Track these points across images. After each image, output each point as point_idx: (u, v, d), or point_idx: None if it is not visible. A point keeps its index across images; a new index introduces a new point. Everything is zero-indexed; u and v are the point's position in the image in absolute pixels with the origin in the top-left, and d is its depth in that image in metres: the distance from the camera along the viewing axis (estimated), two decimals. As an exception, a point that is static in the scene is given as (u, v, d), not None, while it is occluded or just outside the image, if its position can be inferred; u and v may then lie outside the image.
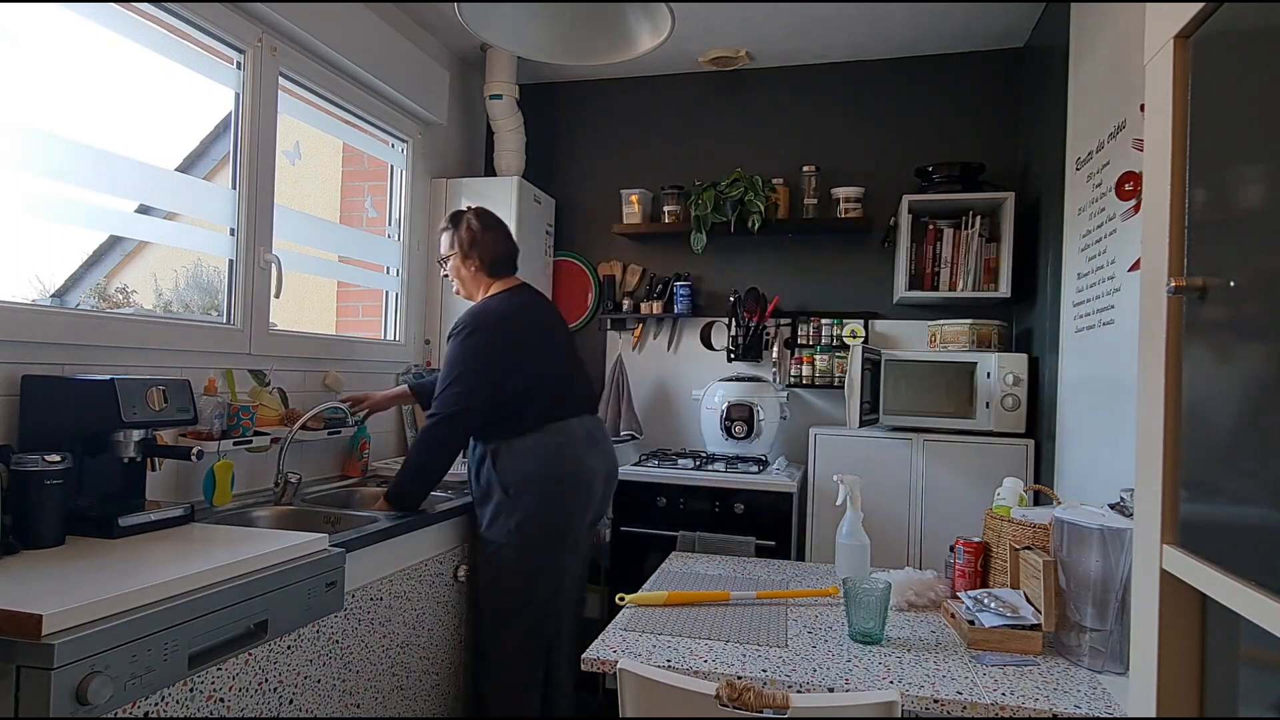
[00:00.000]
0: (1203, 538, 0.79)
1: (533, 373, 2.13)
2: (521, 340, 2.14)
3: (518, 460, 2.08)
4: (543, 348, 2.18)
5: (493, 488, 2.11)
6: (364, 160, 3.09)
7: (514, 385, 2.10)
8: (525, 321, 2.18)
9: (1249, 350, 0.71)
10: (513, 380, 2.10)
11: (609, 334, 3.40)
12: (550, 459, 2.09)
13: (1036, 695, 1.22)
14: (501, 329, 2.13)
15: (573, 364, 2.27)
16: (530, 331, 2.18)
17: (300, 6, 2.26)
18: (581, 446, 2.15)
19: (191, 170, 2.65)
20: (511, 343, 2.12)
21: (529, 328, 2.18)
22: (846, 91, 3.18)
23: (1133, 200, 1.81)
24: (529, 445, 2.09)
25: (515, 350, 2.12)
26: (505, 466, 2.09)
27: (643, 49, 1.69)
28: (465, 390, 2.06)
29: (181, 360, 1.99)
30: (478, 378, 2.07)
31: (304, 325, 2.84)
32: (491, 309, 2.18)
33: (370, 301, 3.05)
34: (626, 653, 1.36)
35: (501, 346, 2.10)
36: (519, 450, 2.09)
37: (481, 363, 2.08)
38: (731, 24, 2.88)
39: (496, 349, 2.10)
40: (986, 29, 2.87)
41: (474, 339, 2.10)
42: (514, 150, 3.20)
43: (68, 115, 1.94)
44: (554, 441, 2.11)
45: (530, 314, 2.22)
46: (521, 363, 2.12)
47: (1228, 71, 0.77)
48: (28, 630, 1.02)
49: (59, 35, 1.94)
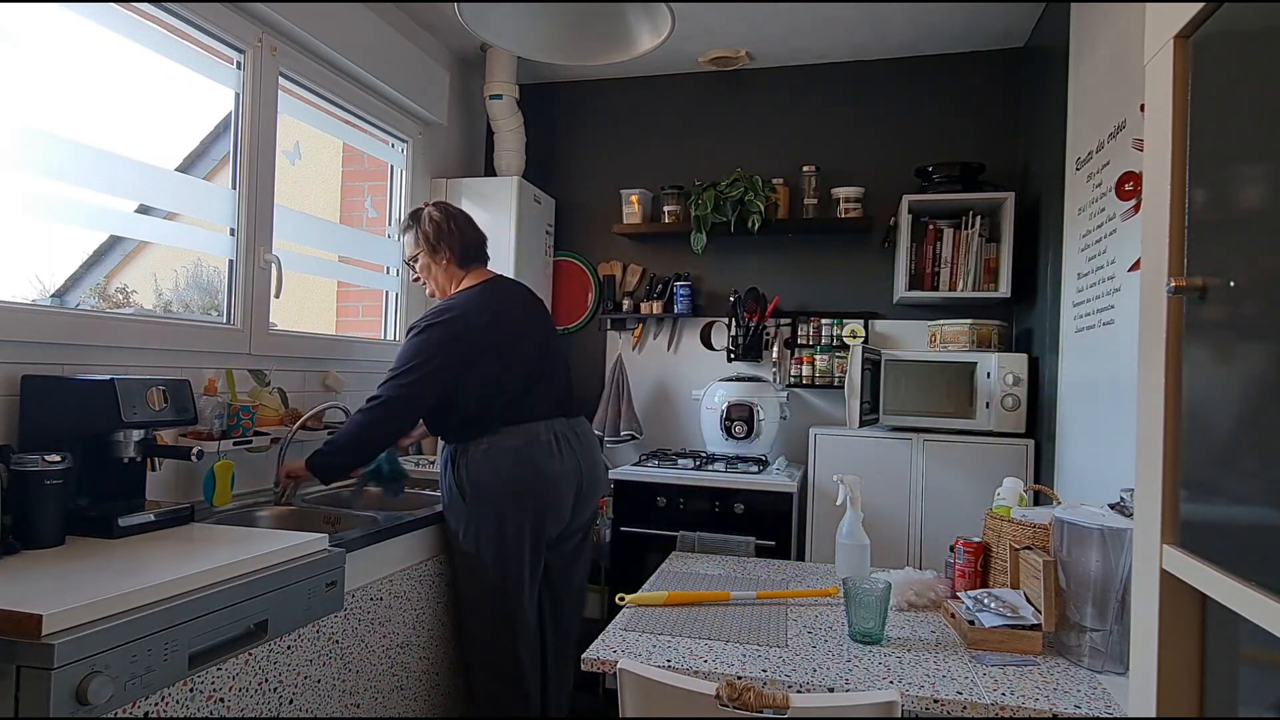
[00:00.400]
0: (1203, 538, 0.79)
1: (493, 373, 2.04)
2: (484, 337, 2.04)
3: (474, 465, 2.02)
4: (508, 346, 2.08)
5: (454, 493, 2.05)
6: (364, 160, 3.09)
7: (471, 385, 2.02)
8: (492, 317, 2.07)
9: (1249, 350, 0.71)
10: (470, 379, 2.02)
11: (609, 334, 3.40)
12: (506, 464, 2.01)
13: (1036, 695, 1.22)
14: (463, 324, 2.03)
15: (546, 363, 2.16)
16: (496, 328, 2.07)
17: (300, 6, 2.26)
18: (542, 450, 2.05)
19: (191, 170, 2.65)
20: (473, 341, 2.02)
21: (495, 324, 2.07)
22: (846, 91, 3.18)
23: (1133, 200, 1.81)
24: (485, 449, 2.02)
25: (476, 348, 2.03)
26: (463, 471, 2.03)
27: (643, 49, 1.69)
28: (412, 381, 1.97)
29: (181, 360, 1.99)
30: (428, 371, 1.98)
31: (304, 325, 2.84)
32: (457, 303, 2.08)
33: (370, 301, 3.05)
34: (626, 653, 1.36)
35: (461, 343, 2.01)
36: (475, 454, 2.03)
37: (437, 358, 1.99)
38: (731, 24, 2.88)
39: (454, 345, 2.01)
40: (986, 29, 2.87)
41: (432, 332, 2.01)
42: (514, 150, 3.20)
43: (68, 115, 1.94)
44: (511, 445, 2.02)
45: (500, 309, 2.11)
46: (480, 361, 2.03)
47: (1228, 71, 0.77)
48: (28, 630, 1.02)
49: (59, 35, 1.94)
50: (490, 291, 2.15)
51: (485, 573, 2.03)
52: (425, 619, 2.03)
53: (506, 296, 2.18)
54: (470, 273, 2.20)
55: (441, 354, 2.00)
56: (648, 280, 3.36)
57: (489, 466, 2.02)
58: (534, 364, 2.13)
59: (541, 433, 2.07)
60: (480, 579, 2.04)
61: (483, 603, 2.05)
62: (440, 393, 2.02)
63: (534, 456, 2.04)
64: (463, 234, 2.17)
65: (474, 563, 2.03)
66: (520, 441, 2.04)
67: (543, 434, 2.07)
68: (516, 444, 2.03)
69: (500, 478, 2.01)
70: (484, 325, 2.05)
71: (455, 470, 2.05)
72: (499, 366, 2.06)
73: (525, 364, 2.11)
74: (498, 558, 2.02)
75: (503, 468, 2.01)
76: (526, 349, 2.13)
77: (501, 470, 2.01)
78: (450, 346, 2.01)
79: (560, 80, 3.47)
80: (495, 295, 2.15)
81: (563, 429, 2.14)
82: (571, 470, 2.13)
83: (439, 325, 2.02)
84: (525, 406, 2.08)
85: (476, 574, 2.04)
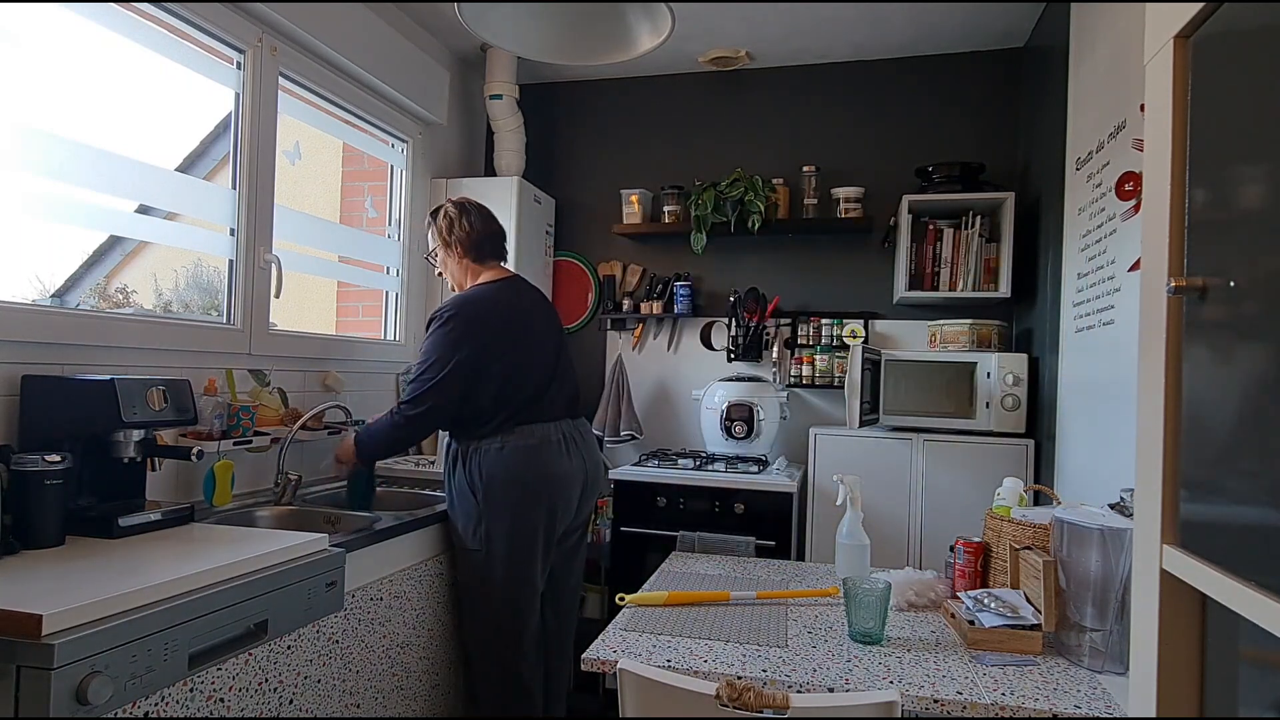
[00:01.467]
0: (1203, 538, 0.79)
1: (509, 370, 2.06)
2: (500, 336, 2.07)
3: (487, 463, 2.03)
4: (523, 346, 2.11)
5: (464, 491, 2.06)
6: (364, 160, 3.09)
7: (487, 383, 2.05)
8: (508, 315, 2.11)
9: (1249, 350, 0.71)
10: (487, 378, 2.05)
11: (609, 334, 3.40)
12: (520, 463, 2.03)
13: (1036, 695, 1.22)
14: (481, 320, 2.06)
15: (556, 365, 2.19)
16: (511, 327, 2.10)
17: (300, 6, 2.26)
18: (554, 450, 2.09)
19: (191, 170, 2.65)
20: (489, 338, 2.05)
21: (510, 323, 2.11)
22: (846, 91, 3.18)
23: (1133, 200, 1.81)
24: (498, 447, 2.04)
25: (492, 346, 2.05)
26: (475, 469, 2.04)
27: (643, 49, 1.69)
28: (439, 381, 2.01)
29: (181, 360, 1.99)
30: (451, 368, 2.01)
31: (304, 325, 2.84)
32: (473, 298, 2.11)
33: (370, 301, 3.05)
34: (626, 653, 1.36)
35: (478, 339, 2.04)
36: (489, 452, 2.04)
37: (457, 354, 2.02)
38: (731, 24, 2.88)
39: (472, 342, 2.03)
40: (986, 29, 2.87)
41: (451, 328, 2.04)
42: (514, 150, 3.20)
43: (68, 115, 1.94)
44: (525, 444, 2.05)
45: (517, 306, 2.15)
46: (498, 360, 2.05)
47: (1228, 71, 0.77)
48: (28, 630, 1.02)
49: (59, 35, 1.94)
50: (507, 289, 2.18)
51: (494, 571, 2.03)
52: (425, 619, 2.03)
53: (523, 294, 2.21)
54: (487, 269, 2.22)
55: (462, 346, 2.03)
56: (648, 280, 3.36)
57: (503, 464, 2.03)
58: (550, 365, 2.17)
59: (553, 433, 2.11)
60: (488, 577, 2.04)
61: (487, 601, 2.05)
62: (464, 387, 2.04)
63: (547, 456, 2.07)
64: (477, 228, 2.19)
65: (481, 560, 2.04)
66: (535, 441, 2.07)
67: (554, 434, 2.11)
68: (532, 443, 2.06)
69: (514, 476, 2.03)
70: (500, 321, 2.09)
71: (465, 468, 2.06)
72: (514, 364, 2.09)
73: (541, 364, 2.15)
74: (509, 556, 2.03)
75: (516, 466, 2.03)
76: (542, 349, 2.17)
77: (515, 468, 2.03)
78: (469, 340, 2.04)
79: (560, 80, 3.47)
80: (511, 293, 2.18)
81: (569, 429, 2.17)
82: (579, 469, 2.17)
83: (458, 319, 2.06)
84: (540, 407, 2.11)
85: (484, 572, 2.04)
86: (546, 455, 2.07)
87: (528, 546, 2.05)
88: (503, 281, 2.20)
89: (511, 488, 2.03)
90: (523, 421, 2.07)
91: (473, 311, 2.08)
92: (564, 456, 2.11)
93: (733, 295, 3.11)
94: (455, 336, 2.04)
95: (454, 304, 2.09)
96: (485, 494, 2.03)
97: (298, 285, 2.59)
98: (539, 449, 2.06)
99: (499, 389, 2.06)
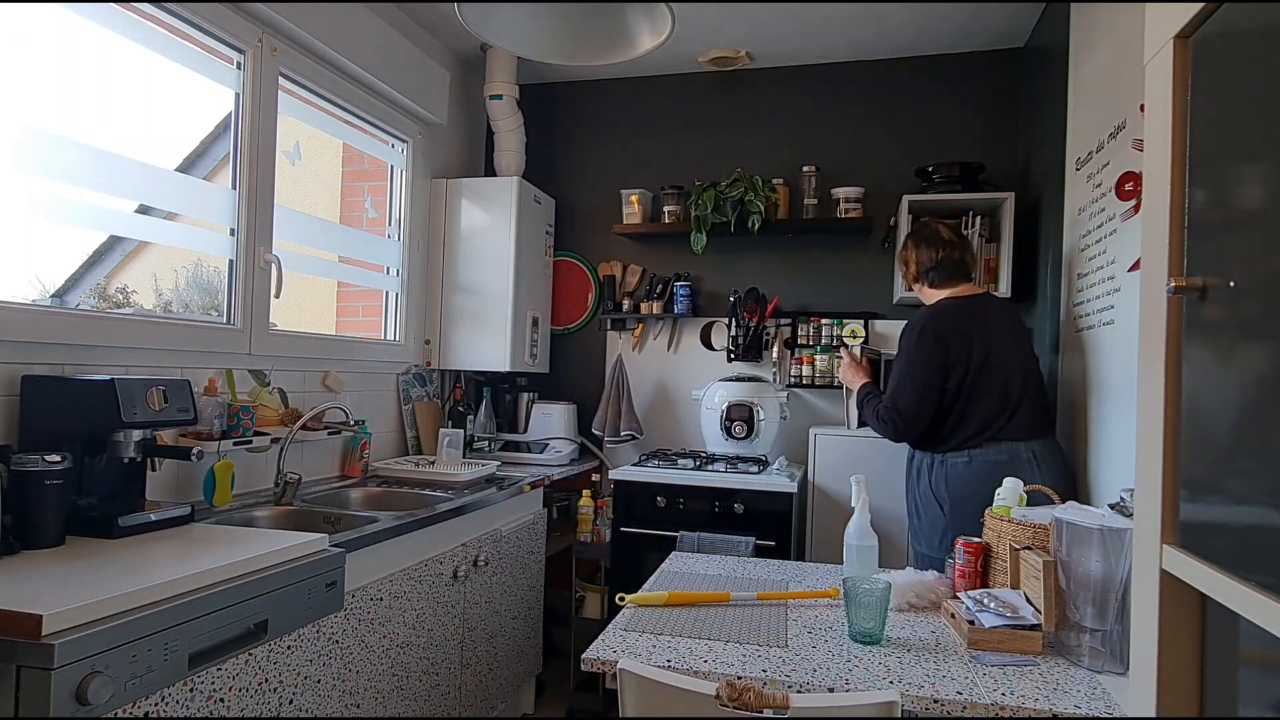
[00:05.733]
0: (1203, 538, 0.79)
1: (976, 385, 2.07)
2: (969, 349, 2.08)
3: (954, 476, 2.07)
4: (991, 360, 2.08)
5: (930, 502, 2.11)
6: (364, 160, 3.09)
7: (954, 395, 2.08)
8: (972, 328, 2.10)
9: (1249, 350, 0.71)
10: (956, 390, 2.08)
11: (609, 334, 3.40)
12: (987, 478, 1.95)
13: (1036, 695, 1.22)
14: (949, 333, 2.08)
15: (1025, 381, 2.09)
16: (977, 340, 2.09)
17: (300, 6, 2.26)
18: (1025, 469, 2.00)
19: (191, 170, 2.65)
20: (959, 350, 2.07)
21: (975, 336, 2.09)
22: (846, 91, 3.18)
23: (1133, 200, 1.81)
24: (966, 460, 2.06)
25: (962, 359, 2.07)
26: (942, 482, 2.08)
27: (643, 49, 1.69)
28: (919, 388, 2.08)
29: (181, 360, 1.99)
30: (928, 377, 2.07)
31: (304, 325, 2.84)
32: (940, 310, 2.14)
33: (370, 301, 3.05)
34: (626, 653, 1.36)
35: (949, 352, 2.07)
36: (955, 464, 2.07)
37: (932, 364, 2.07)
38: (731, 24, 2.88)
39: (944, 353, 2.07)
40: (986, 29, 2.87)
41: (924, 338, 2.09)
42: (514, 150, 3.20)
43: (68, 115, 1.94)
44: (994, 460, 2.03)
45: (978, 321, 2.12)
46: (966, 373, 2.07)
47: (1228, 71, 0.77)
48: (28, 630, 1.02)
49: (59, 35, 1.94)
50: (970, 303, 2.17)
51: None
52: (425, 619, 2.03)
53: (986, 308, 2.17)
54: (943, 289, 2.22)
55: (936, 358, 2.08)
56: (648, 280, 3.36)
57: (972, 479, 2.04)
58: (1014, 379, 2.09)
59: (1022, 452, 2.05)
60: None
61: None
62: (938, 398, 2.09)
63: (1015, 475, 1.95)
64: (920, 259, 2.25)
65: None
66: (1006, 457, 2.04)
67: (1023, 454, 2.05)
68: (1003, 459, 2.03)
69: (983, 490, 1.93)
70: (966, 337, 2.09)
71: (932, 480, 2.10)
72: (985, 378, 2.07)
73: (1007, 378, 2.09)
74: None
75: (986, 481, 1.94)
76: (1007, 362, 2.10)
77: (985, 484, 1.94)
78: (941, 352, 2.08)
79: (560, 80, 3.47)
80: (974, 308, 2.16)
81: (1040, 450, 2.08)
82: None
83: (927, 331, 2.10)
84: (1008, 423, 2.07)
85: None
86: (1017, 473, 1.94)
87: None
88: (965, 297, 2.20)
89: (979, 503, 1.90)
90: (995, 438, 2.06)
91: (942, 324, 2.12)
92: (1035, 477, 2.00)
93: (733, 295, 3.11)
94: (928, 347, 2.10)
95: (923, 316, 2.15)
96: (954, 508, 2.05)
97: (298, 285, 2.59)
98: (1007, 467, 2.00)
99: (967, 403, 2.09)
